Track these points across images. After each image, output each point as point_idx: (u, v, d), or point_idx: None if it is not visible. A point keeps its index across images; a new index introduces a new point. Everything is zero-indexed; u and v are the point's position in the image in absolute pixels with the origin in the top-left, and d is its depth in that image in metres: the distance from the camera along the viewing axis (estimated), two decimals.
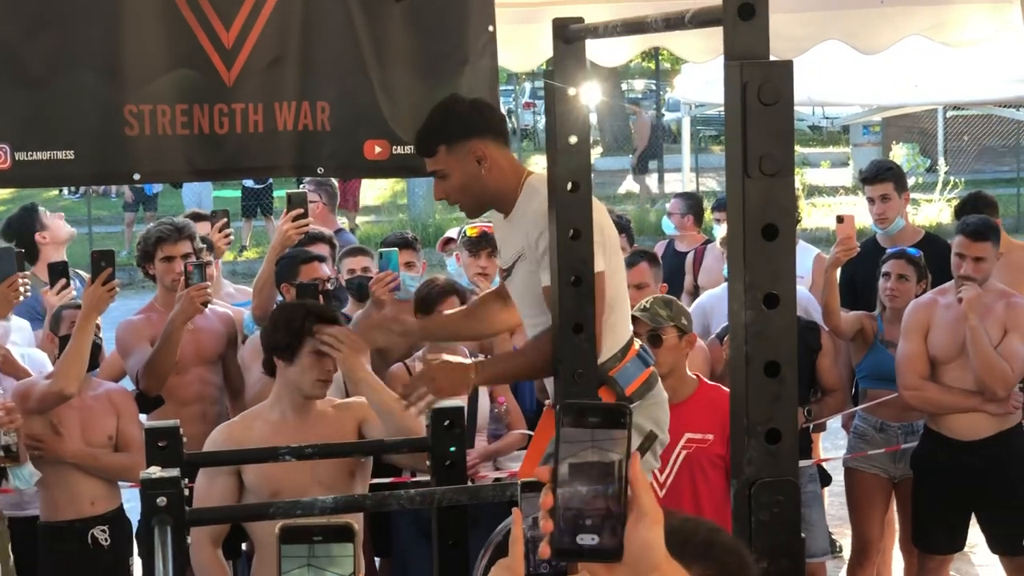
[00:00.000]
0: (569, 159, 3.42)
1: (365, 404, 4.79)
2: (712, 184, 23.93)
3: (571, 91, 3.34)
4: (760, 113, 2.37)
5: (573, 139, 3.39)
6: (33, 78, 4.65)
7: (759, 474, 2.45)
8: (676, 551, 1.91)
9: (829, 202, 23.22)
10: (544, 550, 1.74)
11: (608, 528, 1.72)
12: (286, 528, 1.63)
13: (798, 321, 6.09)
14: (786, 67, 2.39)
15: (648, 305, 5.18)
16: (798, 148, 29.78)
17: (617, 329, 4.15)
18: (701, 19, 2.60)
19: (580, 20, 3.38)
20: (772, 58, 6.12)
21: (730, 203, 2.44)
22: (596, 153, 31.91)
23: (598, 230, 3.90)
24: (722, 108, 2.42)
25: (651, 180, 26.82)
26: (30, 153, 4.67)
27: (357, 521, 4.49)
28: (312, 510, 3.59)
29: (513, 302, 4.41)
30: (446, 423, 4.16)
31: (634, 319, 5.08)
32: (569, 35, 3.28)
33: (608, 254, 4.05)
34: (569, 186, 3.43)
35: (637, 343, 4.23)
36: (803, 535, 5.98)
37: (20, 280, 5.47)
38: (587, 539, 1.72)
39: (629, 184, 27.31)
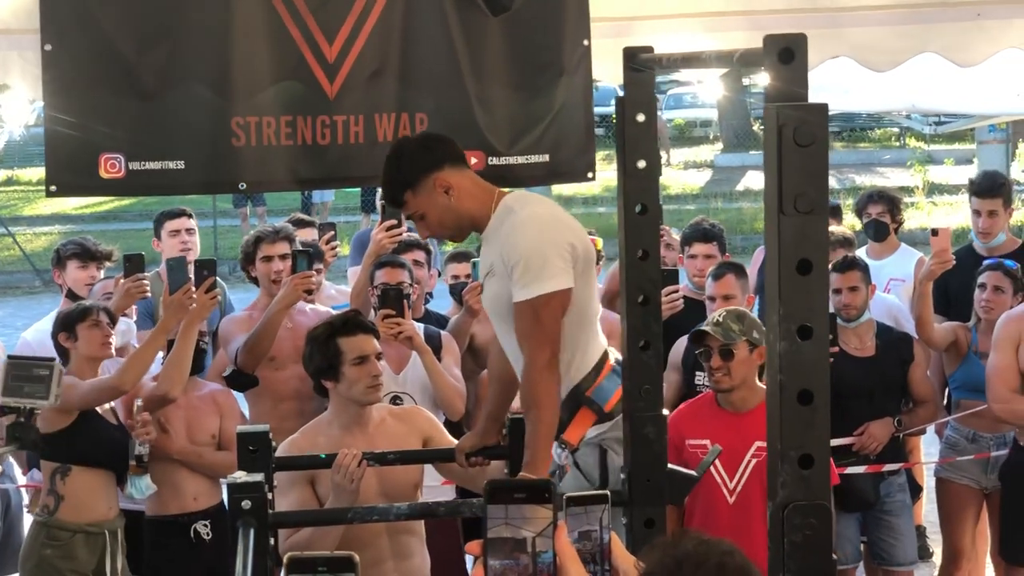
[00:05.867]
0: (638, 182, 3.54)
1: (427, 417, 4.87)
2: (832, 183, 23.71)
3: (639, 117, 3.47)
4: (795, 154, 2.47)
5: (641, 163, 3.52)
6: (146, 91, 4.85)
7: (792, 497, 2.54)
8: (689, 575, 2.04)
9: (951, 201, 22.91)
10: None
11: None
12: (293, 559, 1.73)
13: (891, 331, 6.23)
14: (821, 110, 2.48)
15: (720, 319, 5.15)
16: (922, 146, 29.36)
17: (589, 347, 4.16)
18: (747, 60, 2.70)
19: (650, 49, 3.51)
20: (866, 71, 6.08)
21: (767, 239, 2.54)
22: (716, 150, 31.75)
23: (550, 250, 3.99)
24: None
25: None
26: (143, 163, 4.88)
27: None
28: (388, 516, 3.77)
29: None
30: (523, 433, 4.29)
31: (705, 334, 5.13)
32: (636, 64, 3.41)
33: (576, 273, 4.08)
34: (638, 208, 3.56)
35: (612, 357, 4.19)
36: (892, 542, 6.02)
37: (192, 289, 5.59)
38: None
39: (748, 181, 27.20)
